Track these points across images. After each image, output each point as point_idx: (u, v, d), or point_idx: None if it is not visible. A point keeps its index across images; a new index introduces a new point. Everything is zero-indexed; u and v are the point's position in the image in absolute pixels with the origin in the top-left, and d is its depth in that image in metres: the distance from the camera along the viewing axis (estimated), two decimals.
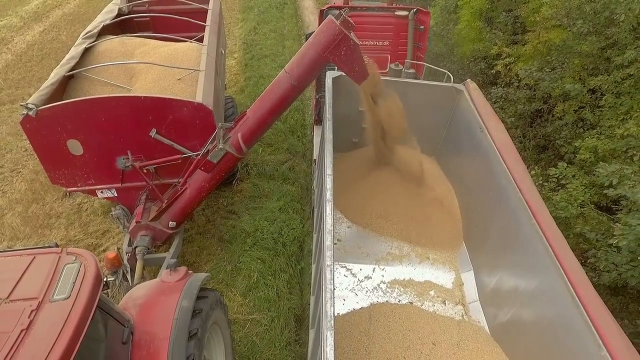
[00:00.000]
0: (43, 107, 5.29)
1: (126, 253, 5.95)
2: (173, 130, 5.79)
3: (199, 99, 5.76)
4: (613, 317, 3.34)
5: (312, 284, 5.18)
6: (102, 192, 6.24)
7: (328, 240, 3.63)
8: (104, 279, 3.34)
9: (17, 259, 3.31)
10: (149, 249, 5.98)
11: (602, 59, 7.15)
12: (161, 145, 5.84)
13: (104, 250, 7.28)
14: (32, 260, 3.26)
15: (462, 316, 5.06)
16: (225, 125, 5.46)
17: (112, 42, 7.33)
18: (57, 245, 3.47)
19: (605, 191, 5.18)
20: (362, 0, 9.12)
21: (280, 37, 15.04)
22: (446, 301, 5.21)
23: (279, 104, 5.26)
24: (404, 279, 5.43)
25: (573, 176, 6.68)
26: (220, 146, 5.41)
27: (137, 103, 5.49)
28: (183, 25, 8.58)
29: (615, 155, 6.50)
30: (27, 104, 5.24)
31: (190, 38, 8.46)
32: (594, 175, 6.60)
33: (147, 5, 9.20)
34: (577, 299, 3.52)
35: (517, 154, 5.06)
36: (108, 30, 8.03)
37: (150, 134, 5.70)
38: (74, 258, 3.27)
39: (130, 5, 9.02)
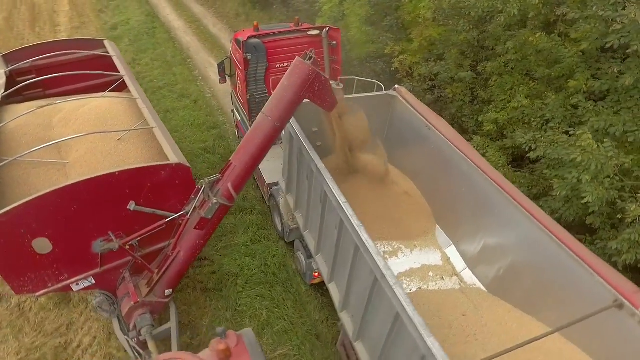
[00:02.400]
0: None
1: (132, 339, 5.52)
2: (152, 197, 5.50)
3: (173, 159, 5.58)
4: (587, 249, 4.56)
5: (340, 302, 5.55)
6: (77, 285, 5.59)
7: (381, 262, 4.14)
8: None
9: None
10: (153, 325, 5.65)
11: (480, 48, 8.88)
12: (141, 215, 5.50)
13: (79, 346, 6.50)
14: None
15: (460, 284, 6.05)
16: (212, 178, 5.42)
17: (25, 117, 6.39)
18: None
19: (528, 154, 6.66)
20: (269, 25, 9.44)
21: (167, 65, 14.35)
22: (443, 276, 6.14)
23: (264, 146, 5.43)
24: (405, 270, 6.19)
25: (487, 146, 8.25)
26: (215, 200, 5.36)
27: (111, 180, 5.09)
28: (80, 77, 7.77)
29: (511, 123, 8.23)
30: None
31: (97, 88, 7.82)
32: (502, 141, 8.30)
33: (30, 63, 8.08)
34: (557, 240, 4.65)
35: (467, 142, 6.17)
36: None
37: (128, 207, 5.33)
38: None
39: (11, 66, 7.83)
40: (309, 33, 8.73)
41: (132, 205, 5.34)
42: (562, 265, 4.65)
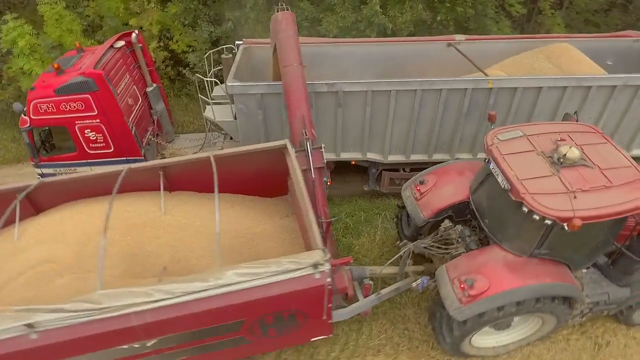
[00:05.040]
0: None
1: None
2: None
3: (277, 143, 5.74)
4: None
5: (385, 150, 8.02)
6: None
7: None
8: None
9: None
10: None
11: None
12: None
13: None
14: None
15: None
16: (305, 137, 6.09)
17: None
18: None
19: None
20: (62, 59, 7.53)
21: None
22: None
23: (305, 86, 6.40)
24: None
25: None
26: (322, 145, 6.20)
27: None
28: None
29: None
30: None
31: None
32: None
33: None
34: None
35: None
36: None
37: None
38: None
39: None
40: (115, 46, 7.96)
41: None
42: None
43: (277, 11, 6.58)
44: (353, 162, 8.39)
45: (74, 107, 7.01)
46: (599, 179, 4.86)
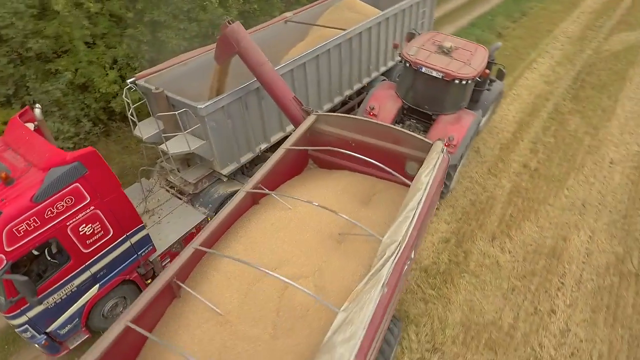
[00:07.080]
0: None
1: None
2: None
3: (311, 117, 6.94)
4: None
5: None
6: None
7: None
8: None
9: None
10: None
11: None
12: None
13: None
14: None
15: None
16: (311, 109, 7.45)
17: None
18: None
19: None
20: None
21: None
22: None
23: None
24: None
25: None
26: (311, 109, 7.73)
27: None
28: None
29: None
30: None
31: None
32: None
33: None
34: None
35: None
36: None
37: None
38: None
39: None
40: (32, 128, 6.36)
41: None
42: None
43: (229, 23, 7.12)
44: None
45: (62, 206, 5.69)
46: (467, 54, 8.73)
